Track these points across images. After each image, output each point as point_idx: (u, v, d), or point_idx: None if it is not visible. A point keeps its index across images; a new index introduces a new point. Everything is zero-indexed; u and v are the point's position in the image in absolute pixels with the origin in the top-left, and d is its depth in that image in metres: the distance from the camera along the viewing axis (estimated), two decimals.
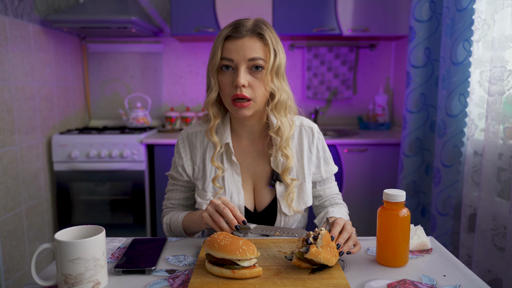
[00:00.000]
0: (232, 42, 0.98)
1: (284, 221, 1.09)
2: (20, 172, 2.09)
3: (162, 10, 2.84)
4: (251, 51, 0.97)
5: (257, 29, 0.99)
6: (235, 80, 0.97)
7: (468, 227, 1.69)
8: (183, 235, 1.10)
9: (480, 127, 1.67)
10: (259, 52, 0.98)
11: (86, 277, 0.74)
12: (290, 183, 1.07)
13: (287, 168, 1.06)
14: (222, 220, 0.91)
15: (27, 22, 2.18)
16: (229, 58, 0.97)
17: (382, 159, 2.41)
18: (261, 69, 0.99)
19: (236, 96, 0.98)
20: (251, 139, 1.11)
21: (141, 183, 2.40)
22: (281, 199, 1.07)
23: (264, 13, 2.47)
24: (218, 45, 0.98)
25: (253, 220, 1.10)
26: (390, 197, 0.84)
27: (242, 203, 1.07)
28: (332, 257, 0.80)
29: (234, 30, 0.98)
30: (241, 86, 0.97)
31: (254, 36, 0.98)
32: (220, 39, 0.99)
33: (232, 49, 0.97)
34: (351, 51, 2.86)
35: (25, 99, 2.15)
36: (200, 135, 1.12)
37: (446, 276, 0.81)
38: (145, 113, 2.78)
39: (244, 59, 0.97)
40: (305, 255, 0.79)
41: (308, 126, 1.14)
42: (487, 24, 1.59)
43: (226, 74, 0.99)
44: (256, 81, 0.99)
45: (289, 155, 1.06)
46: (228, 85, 0.99)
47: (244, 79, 0.97)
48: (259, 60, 0.98)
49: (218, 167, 1.06)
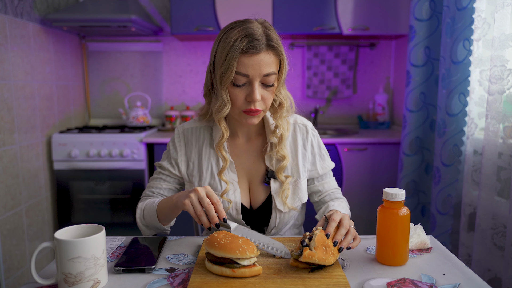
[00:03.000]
0: (248, 58, 0.95)
1: (280, 218, 1.09)
2: (20, 171, 2.09)
3: (162, 9, 2.84)
4: (266, 67, 0.96)
5: (271, 43, 0.97)
6: (249, 95, 0.97)
7: (468, 226, 1.69)
8: (155, 223, 1.04)
9: (480, 126, 1.67)
10: (272, 67, 0.98)
11: (86, 276, 0.74)
12: (285, 180, 1.07)
13: (282, 166, 1.07)
14: (203, 215, 0.88)
15: (27, 21, 2.18)
16: (245, 74, 0.96)
17: (382, 158, 2.41)
18: (272, 85, 1.00)
19: (250, 110, 0.98)
20: (246, 138, 1.13)
21: (141, 182, 2.40)
22: (276, 196, 1.08)
23: (264, 12, 2.47)
24: (233, 59, 0.94)
25: (249, 217, 1.10)
26: (390, 196, 0.84)
27: (239, 199, 1.07)
28: (329, 256, 0.80)
29: (250, 45, 0.94)
30: (256, 101, 0.97)
31: (269, 50, 0.97)
32: (235, 52, 0.94)
33: (249, 65, 0.95)
34: (351, 50, 2.85)
35: (25, 98, 2.15)
36: (196, 131, 1.12)
37: (446, 275, 0.81)
38: (145, 112, 2.78)
39: (259, 75, 0.96)
40: (300, 258, 0.80)
41: (302, 124, 1.15)
42: (487, 23, 1.59)
43: (238, 87, 0.98)
44: (268, 94, 1.00)
45: (286, 155, 1.07)
46: (241, 99, 0.98)
47: (259, 95, 0.97)
48: (273, 75, 0.98)
49: (224, 156, 1.05)
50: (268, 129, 1.10)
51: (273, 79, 0.99)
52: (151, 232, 1.09)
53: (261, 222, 1.11)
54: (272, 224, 1.10)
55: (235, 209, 1.07)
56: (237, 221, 1.08)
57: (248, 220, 1.10)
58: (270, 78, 0.98)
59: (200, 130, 1.12)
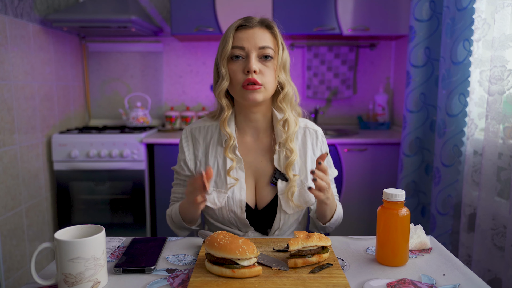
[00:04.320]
0: (243, 32, 1.02)
1: (284, 220, 1.09)
2: (20, 171, 2.09)
3: (162, 9, 2.84)
4: (261, 40, 1.02)
5: (266, 22, 1.05)
6: (246, 66, 1.00)
7: (468, 226, 1.69)
8: (183, 224, 1.10)
9: (480, 127, 1.67)
10: (268, 42, 1.03)
11: (86, 276, 0.74)
12: (292, 177, 1.07)
13: (290, 162, 1.07)
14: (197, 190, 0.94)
15: (27, 22, 2.18)
16: (241, 46, 1.01)
17: (382, 158, 2.41)
18: (270, 58, 1.03)
19: (248, 80, 1.00)
20: (255, 135, 1.12)
21: (141, 182, 2.40)
22: (282, 196, 1.08)
23: (264, 13, 2.46)
24: (229, 35, 1.02)
25: (253, 217, 1.09)
26: (390, 197, 0.84)
27: (244, 198, 1.07)
28: (313, 239, 0.83)
29: (244, 20, 1.03)
30: (253, 71, 1.00)
31: (263, 27, 1.04)
32: (231, 29, 1.03)
33: (244, 37, 1.02)
34: (351, 51, 2.85)
35: (25, 98, 2.15)
36: (203, 130, 1.13)
37: (446, 276, 0.81)
38: (145, 112, 2.78)
39: (255, 47, 1.01)
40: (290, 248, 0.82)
41: (312, 129, 1.16)
42: (487, 23, 1.59)
43: (237, 62, 1.02)
44: (266, 69, 1.02)
45: (294, 149, 1.08)
46: (239, 72, 1.02)
47: (256, 65, 1.00)
48: (269, 49, 1.02)
49: (232, 158, 1.07)
50: (276, 121, 1.09)
51: (270, 52, 1.02)
52: (185, 232, 1.15)
53: (265, 223, 1.11)
54: (276, 225, 1.09)
55: (239, 207, 1.07)
56: (241, 220, 1.08)
57: (252, 220, 1.09)
58: (266, 51, 1.02)
59: (208, 128, 1.13)
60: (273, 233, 1.11)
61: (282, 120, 1.07)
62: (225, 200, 1.06)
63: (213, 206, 1.07)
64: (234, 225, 1.10)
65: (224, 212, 1.07)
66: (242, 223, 1.08)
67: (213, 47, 2.90)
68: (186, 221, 1.09)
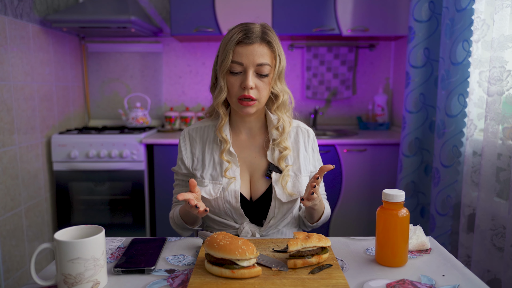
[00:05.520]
0: (243, 47, 1.05)
1: (278, 208, 1.11)
2: (19, 172, 2.09)
3: (161, 10, 2.84)
4: (259, 57, 1.05)
5: (265, 37, 1.07)
6: (243, 82, 1.05)
7: (467, 227, 1.69)
8: (185, 226, 1.14)
9: (479, 127, 1.68)
10: (266, 58, 1.06)
11: (86, 277, 0.74)
12: (285, 167, 1.12)
13: (283, 155, 1.13)
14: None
15: (27, 22, 2.18)
16: (240, 62, 1.05)
17: (382, 159, 2.41)
18: (266, 75, 1.07)
19: (244, 96, 1.06)
20: (249, 134, 1.18)
21: (140, 183, 2.40)
22: (276, 185, 1.11)
23: (264, 13, 2.47)
24: (230, 49, 1.05)
25: (248, 208, 1.13)
26: (389, 197, 0.84)
27: (238, 188, 1.11)
28: (312, 240, 0.83)
29: (245, 36, 1.05)
30: (249, 88, 1.05)
31: (263, 43, 1.07)
32: (231, 43, 1.05)
33: (243, 53, 1.05)
34: (351, 51, 2.86)
35: (25, 99, 2.15)
36: (200, 130, 1.19)
37: (445, 276, 0.82)
38: (145, 113, 2.78)
39: (253, 63, 1.05)
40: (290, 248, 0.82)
41: (304, 128, 1.22)
42: (486, 24, 1.59)
43: (235, 76, 1.07)
44: (262, 84, 1.07)
45: (288, 146, 1.14)
46: (236, 86, 1.07)
47: (252, 82, 1.05)
48: (266, 66, 1.06)
49: (227, 161, 1.12)
50: (271, 124, 1.15)
51: (267, 69, 1.06)
52: (189, 232, 1.18)
53: (260, 213, 1.14)
54: (271, 214, 1.12)
55: (234, 197, 1.10)
56: (236, 210, 1.11)
57: (246, 211, 1.12)
58: (263, 68, 1.06)
59: (205, 128, 1.19)
60: (268, 223, 1.12)
61: (277, 125, 1.13)
62: (220, 190, 1.10)
63: (208, 197, 1.10)
64: (230, 216, 1.13)
65: (220, 203, 1.11)
66: (238, 214, 1.11)
67: (212, 48, 2.90)
68: (188, 224, 1.13)
